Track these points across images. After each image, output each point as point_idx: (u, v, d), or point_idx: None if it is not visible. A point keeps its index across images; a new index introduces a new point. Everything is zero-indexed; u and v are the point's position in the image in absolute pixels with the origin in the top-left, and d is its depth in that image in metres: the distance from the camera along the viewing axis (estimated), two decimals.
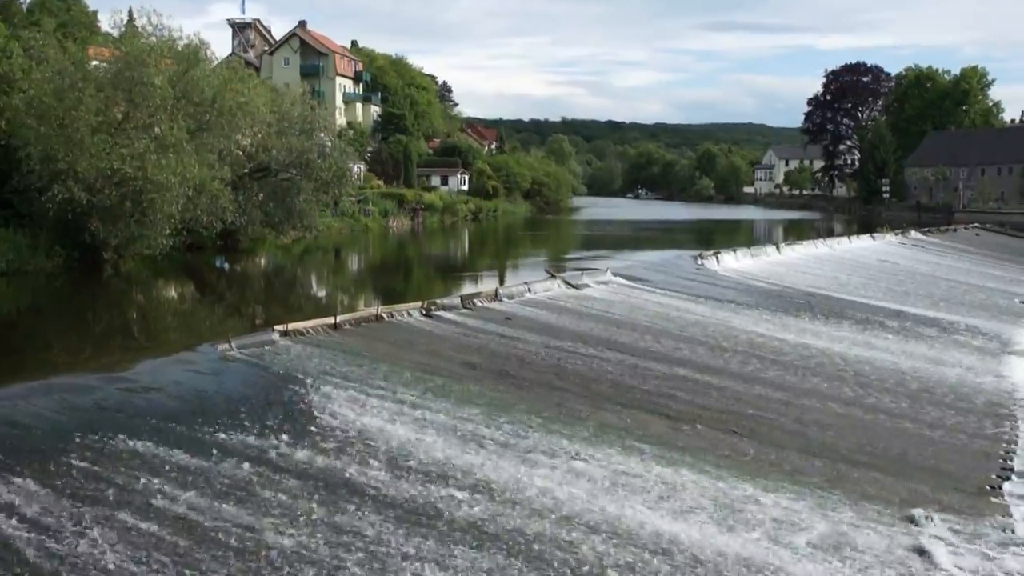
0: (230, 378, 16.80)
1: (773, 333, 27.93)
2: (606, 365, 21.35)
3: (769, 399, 20.86)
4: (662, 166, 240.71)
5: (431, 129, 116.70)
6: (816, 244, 55.18)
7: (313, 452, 13.50)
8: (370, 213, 74.11)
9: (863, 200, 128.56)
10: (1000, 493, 17.24)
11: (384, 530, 11.61)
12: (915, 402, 22.72)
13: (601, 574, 11.47)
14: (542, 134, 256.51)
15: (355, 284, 45.69)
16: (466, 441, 14.75)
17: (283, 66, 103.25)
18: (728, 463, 16.06)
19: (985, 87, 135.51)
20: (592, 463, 14.72)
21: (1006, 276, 54.10)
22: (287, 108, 53.53)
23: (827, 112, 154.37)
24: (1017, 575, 13.20)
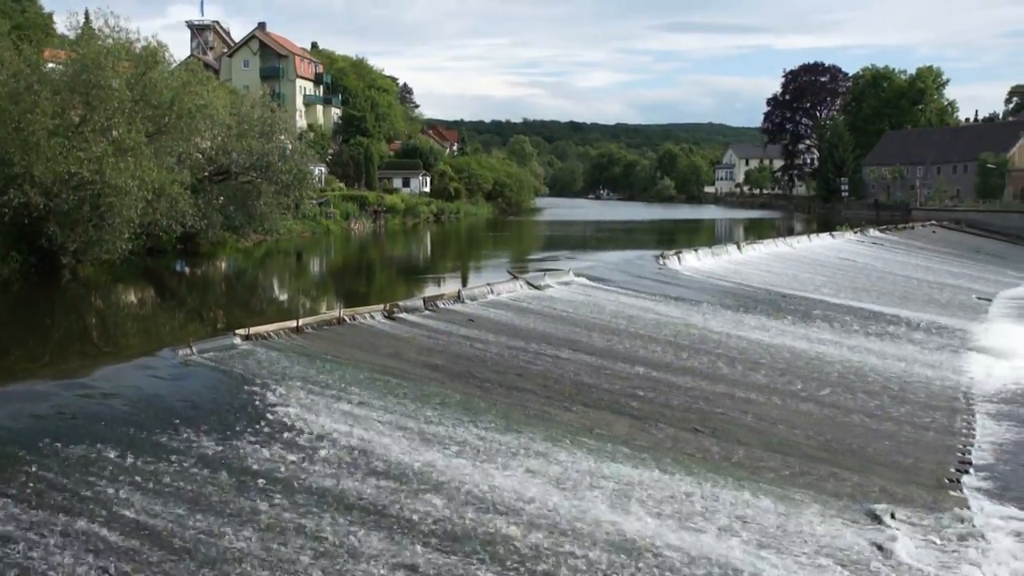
0: (191, 383, 16.66)
1: (735, 331, 28.11)
2: (569, 365, 21.39)
3: (731, 397, 20.99)
4: (623, 166, 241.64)
5: (392, 131, 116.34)
6: (776, 243, 55.59)
7: (275, 456, 13.42)
8: (331, 216, 73.79)
9: (822, 199, 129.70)
10: (959, 487, 17.47)
11: (346, 532, 11.56)
12: (875, 398, 22.96)
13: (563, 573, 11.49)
14: (503, 135, 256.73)
15: (317, 287, 45.45)
16: (429, 443, 14.72)
17: (243, 68, 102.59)
18: (691, 461, 16.14)
19: (940, 87, 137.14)
20: (555, 463, 14.74)
21: (963, 273, 54.80)
22: (247, 110, 53.22)
23: (786, 112, 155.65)
24: (976, 567, 13.39)
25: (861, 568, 12.92)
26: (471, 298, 27.00)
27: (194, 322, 31.87)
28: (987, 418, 22.82)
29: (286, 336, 20.25)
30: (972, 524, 15.28)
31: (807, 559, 12.83)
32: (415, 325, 23.33)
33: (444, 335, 22.66)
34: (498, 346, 22.19)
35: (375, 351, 20.45)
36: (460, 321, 24.19)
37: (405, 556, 11.26)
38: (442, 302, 25.85)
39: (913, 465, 18.44)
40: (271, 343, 19.55)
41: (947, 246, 67.86)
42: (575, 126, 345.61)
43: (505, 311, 26.37)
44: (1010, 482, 18.04)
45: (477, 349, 21.73)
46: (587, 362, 21.89)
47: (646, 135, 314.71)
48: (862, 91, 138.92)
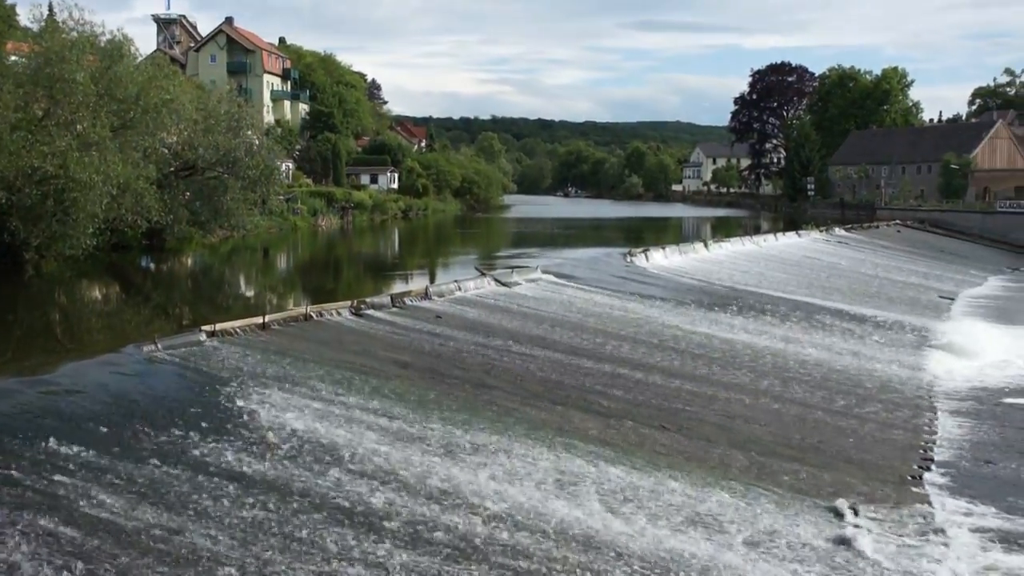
0: (156, 380, 16.54)
1: (701, 329, 28.26)
2: (536, 362, 21.43)
3: (698, 394, 21.12)
4: (591, 164, 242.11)
5: (360, 127, 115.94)
6: (743, 241, 55.89)
7: (241, 453, 13.37)
8: (299, 212, 73.45)
9: (789, 197, 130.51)
10: (921, 483, 17.69)
11: (313, 530, 11.54)
12: (839, 395, 23.17)
13: (531, 570, 11.53)
14: (472, 132, 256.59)
15: (284, 283, 45.27)
16: (396, 440, 14.71)
17: (209, 63, 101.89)
18: (657, 458, 16.23)
19: (905, 87, 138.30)
20: (523, 460, 14.77)
21: (926, 271, 55.37)
22: (213, 105, 52.85)
23: (753, 111, 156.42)
24: (936, 562, 13.56)
25: (824, 563, 13.06)
26: (439, 295, 26.97)
27: (159, 318, 31.65)
28: (948, 415, 23.10)
29: (252, 333, 20.15)
30: (933, 520, 15.49)
31: (771, 555, 12.95)
32: (382, 322, 23.28)
33: (411, 332, 22.63)
34: (466, 343, 22.19)
35: (342, 348, 20.39)
36: (428, 318, 24.17)
37: (372, 554, 11.25)
38: (410, 299, 25.80)
39: (876, 462, 18.63)
40: (237, 340, 19.45)
41: (911, 245, 68.50)
42: (544, 123, 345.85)
43: (473, 308, 26.37)
44: (970, 478, 18.28)
45: (445, 346, 21.73)
46: (555, 359, 21.94)
47: (614, 133, 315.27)
48: (828, 91, 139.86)
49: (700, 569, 12.18)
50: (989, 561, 14.02)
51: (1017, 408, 24.36)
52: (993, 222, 78.53)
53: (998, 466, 19.22)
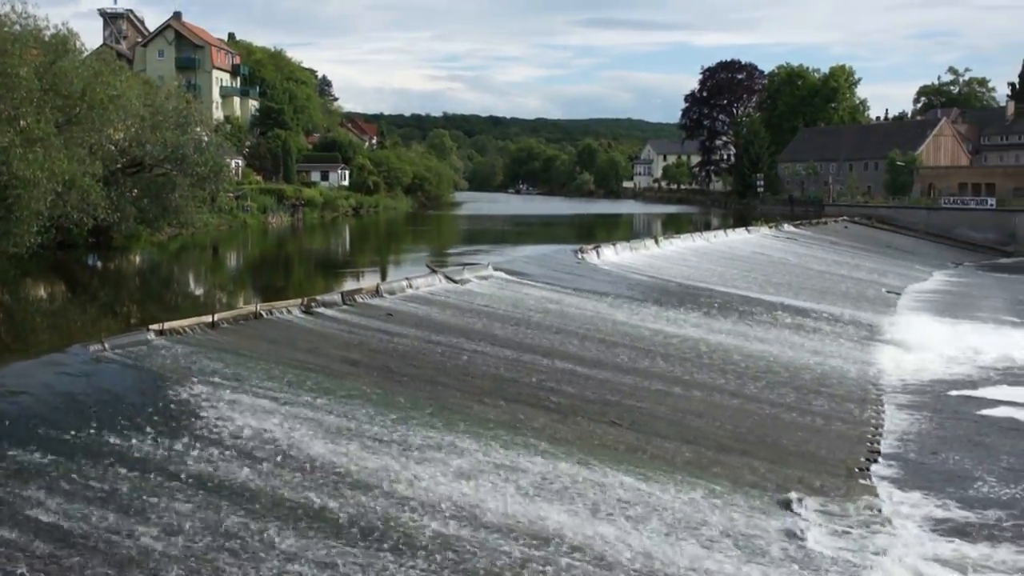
0: (103, 379, 16.33)
1: (652, 325, 28.41)
2: (487, 359, 21.43)
3: (648, 390, 21.24)
4: (543, 161, 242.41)
5: (311, 124, 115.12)
6: (694, 237, 56.22)
7: (189, 453, 13.24)
8: (248, 209, 72.83)
9: (739, 194, 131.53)
10: (868, 475, 17.97)
11: (264, 529, 11.47)
12: (788, 389, 23.43)
13: (482, 566, 11.54)
14: (423, 129, 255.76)
15: (234, 281, 44.86)
16: (347, 438, 14.65)
17: (157, 58, 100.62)
18: (608, 454, 16.31)
19: (852, 85, 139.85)
20: (474, 457, 14.78)
21: (873, 267, 56.09)
22: (161, 101, 52.14)
23: (703, 108, 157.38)
24: (882, 553, 13.76)
25: (773, 555, 13.20)
26: (390, 292, 26.88)
27: (106, 317, 31.22)
28: (895, 408, 23.47)
29: (201, 331, 19.96)
30: (880, 511, 15.73)
31: (721, 547, 13.06)
32: (333, 320, 23.16)
33: (362, 330, 22.54)
34: (417, 340, 22.14)
35: (292, 346, 20.26)
36: (378, 315, 24.09)
37: (324, 552, 11.20)
38: (360, 296, 25.69)
39: (825, 455, 18.88)
40: (186, 338, 19.26)
41: (858, 241, 69.32)
42: (495, 120, 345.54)
43: (424, 305, 26.31)
44: (916, 470, 18.59)
45: (396, 343, 21.66)
46: (506, 356, 21.95)
47: (566, 130, 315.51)
48: (777, 89, 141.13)
49: (650, 562, 12.25)
50: (934, 551, 14.27)
51: (961, 401, 24.79)
52: (938, 218, 79.76)
53: (943, 458, 19.56)
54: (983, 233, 75.29)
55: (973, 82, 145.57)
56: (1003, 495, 17.17)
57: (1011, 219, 74.44)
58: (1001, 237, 74.03)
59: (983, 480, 17.97)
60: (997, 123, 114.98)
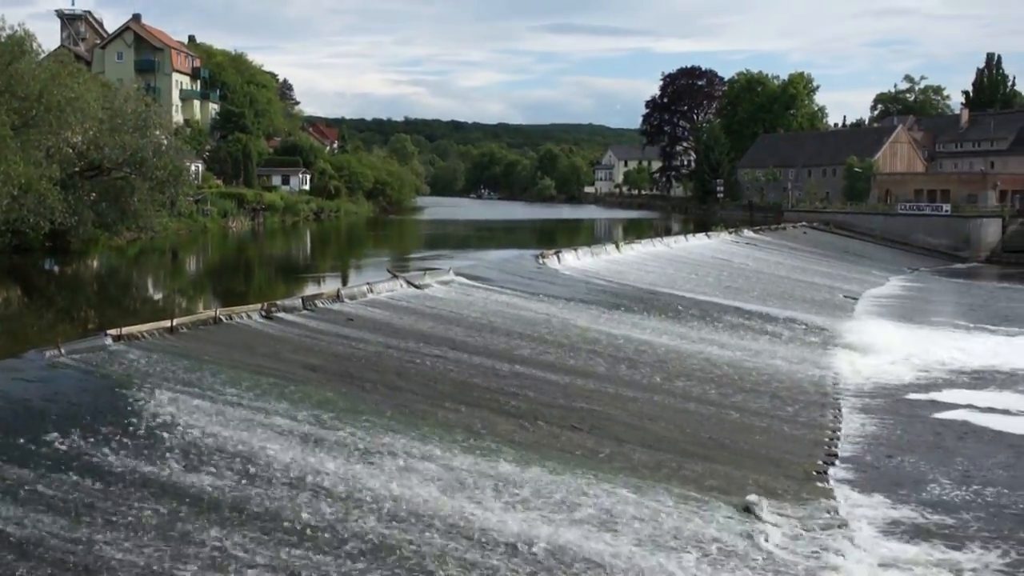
0: (59, 386, 16.14)
1: (613, 330, 28.53)
2: (449, 365, 21.42)
3: (609, 394, 21.33)
4: (504, 166, 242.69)
5: (271, 128, 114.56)
6: (654, 243, 56.48)
7: (148, 460, 13.13)
8: (208, 213, 72.39)
9: (699, 199, 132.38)
10: (826, 478, 18.15)
11: (225, 537, 11.40)
12: (748, 394, 23.61)
13: (443, 571, 11.55)
14: (385, 133, 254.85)
15: (193, 286, 44.57)
16: (308, 444, 14.59)
17: (116, 61, 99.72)
18: (569, 458, 16.36)
19: (811, 92, 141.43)
20: (435, 462, 14.77)
21: (831, 272, 56.64)
22: (120, 104, 51.80)
23: (664, 114, 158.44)
24: (840, 555, 13.92)
25: (732, 559, 13.30)
26: (350, 297, 26.80)
27: (63, 322, 30.92)
28: (852, 412, 23.73)
29: (160, 336, 19.80)
30: (838, 514, 15.91)
31: (681, 551, 13.14)
32: (293, 325, 23.06)
33: (323, 335, 22.46)
34: (378, 346, 22.10)
35: (252, 351, 20.15)
36: (339, 320, 24.01)
37: (285, 560, 11.16)
38: (321, 301, 25.59)
39: (783, 458, 19.04)
40: (144, 344, 19.08)
41: (817, 246, 69.96)
42: (457, 125, 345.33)
43: (385, 310, 26.26)
44: (873, 473, 18.81)
45: (357, 349, 21.61)
46: (467, 361, 21.96)
47: (527, 135, 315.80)
48: (737, 95, 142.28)
49: (609, 567, 12.31)
50: (891, 552, 14.45)
51: (917, 404, 25.11)
52: (894, 224, 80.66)
53: (900, 461, 19.80)
54: (938, 239, 76.27)
55: (928, 90, 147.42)
56: (958, 497, 17.41)
57: (965, 225, 75.45)
58: (956, 243, 75.02)
59: (938, 483, 18.22)
60: (952, 130, 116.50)
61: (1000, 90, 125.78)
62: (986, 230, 74.51)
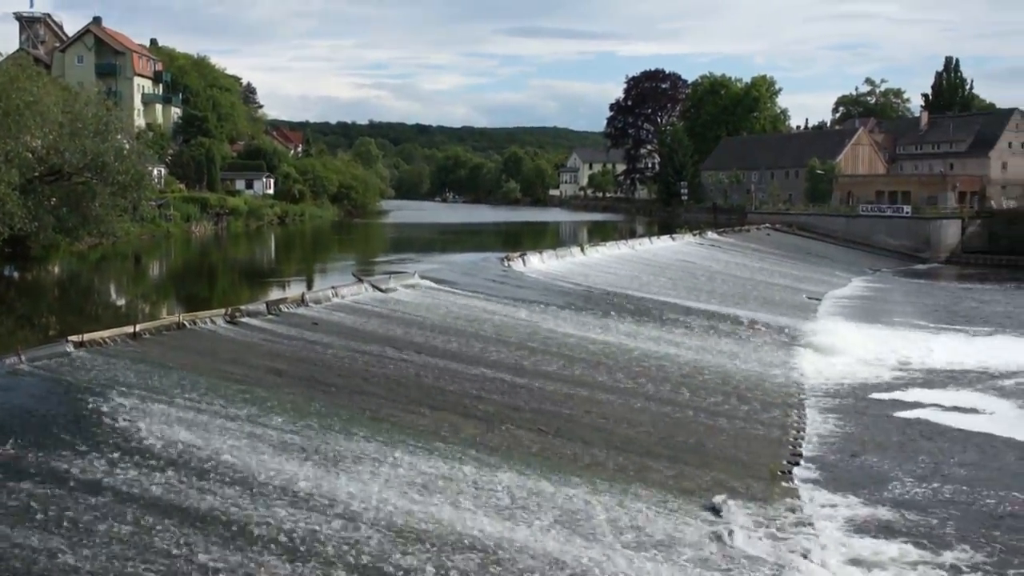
0: (20, 393, 15.96)
1: (578, 332, 28.59)
2: (414, 368, 21.38)
3: (575, 397, 21.37)
4: (469, 169, 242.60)
5: (235, 131, 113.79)
6: (619, 245, 56.62)
7: (112, 467, 13.01)
8: (171, 218, 71.86)
9: (663, 202, 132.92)
10: (791, 478, 18.30)
11: (189, 544, 11.31)
12: (713, 395, 23.73)
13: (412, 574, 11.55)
14: (349, 137, 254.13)
15: (156, 291, 44.20)
16: (273, 449, 14.52)
17: (77, 64, 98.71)
18: (536, 461, 16.38)
19: (773, 95, 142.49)
20: (401, 467, 14.75)
21: (795, 273, 57.06)
22: (81, 108, 51.22)
23: (628, 117, 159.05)
24: (804, 553, 14.03)
25: (699, 558, 13.38)
26: (315, 301, 26.70)
27: (23, 329, 30.55)
28: (817, 412, 23.93)
29: (123, 342, 19.64)
30: (803, 512, 16.05)
31: (647, 552, 13.19)
32: (258, 329, 22.94)
33: (288, 339, 22.35)
34: (343, 350, 22.02)
35: (216, 356, 20.02)
36: (304, 325, 23.90)
37: (251, 566, 11.10)
38: (286, 306, 25.47)
39: (748, 459, 19.16)
40: (107, 350, 18.92)
41: (780, 248, 70.48)
42: (421, 128, 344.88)
43: (350, 314, 26.17)
44: (837, 472, 18.98)
45: (321, 353, 21.52)
46: (432, 365, 21.93)
47: (492, 138, 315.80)
48: (701, 98, 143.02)
49: (578, 568, 12.34)
50: (855, 550, 14.60)
51: (880, 403, 25.37)
52: (856, 225, 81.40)
53: (863, 459, 20.00)
54: (899, 240, 77.05)
55: (889, 93, 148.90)
56: (919, 495, 17.62)
57: (926, 226, 76.30)
58: (916, 244, 75.83)
59: (900, 481, 18.42)
60: (912, 133, 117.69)
61: (959, 93, 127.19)
62: (946, 231, 75.41)
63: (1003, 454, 20.84)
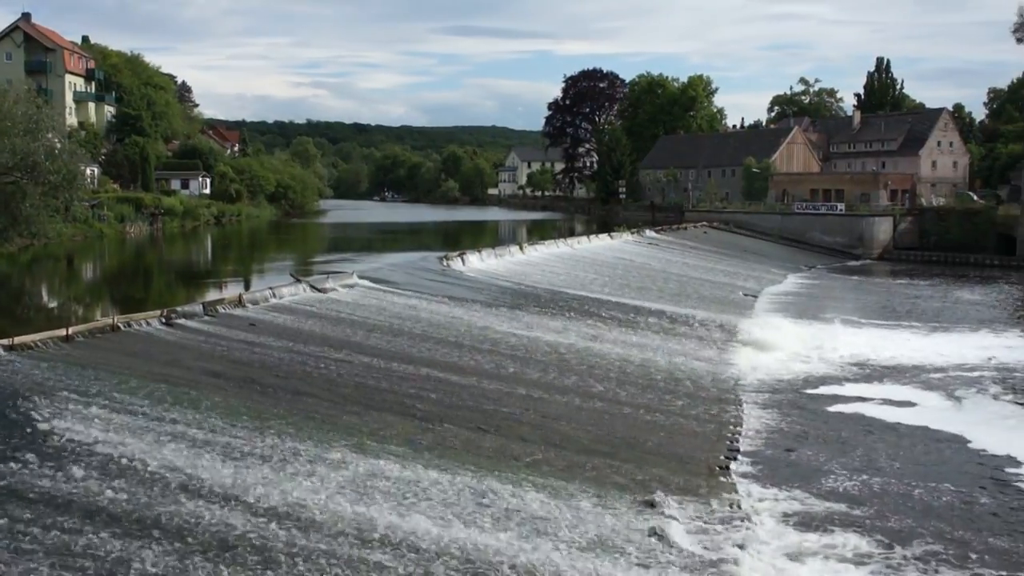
0: None
1: (517, 331, 28.64)
2: (353, 368, 21.28)
3: (514, 395, 21.40)
4: (408, 168, 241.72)
5: (170, 131, 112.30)
6: (558, 243, 56.80)
7: (42, 472, 12.77)
8: (105, 219, 70.73)
9: (601, 200, 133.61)
10: (728, 473, 18.52)
11: (122, 549, 11.15)
12: (651, 392, 23.93)
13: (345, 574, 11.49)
14: (287, 136, 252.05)
15: (90, 293, 43.50)
16: (210, 452, 14.35)
17: (5, 61, 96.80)
18: (474, 460, 16.37)
19: (709, 95, 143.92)
20: (340, 467, 14.66)
21: (732, 271, 57.68)
22: (9, 107, 50.16)
23: (566, 116, 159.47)
24: (742, 547, 14.20)
25: (639, 554, 13.47)
26: (253, 302, 26.45)
27: None
28: (753, 407, 24.24)
29: (55, 345, 19.28)
30: (740, 507, 16.24)
31: (587, 549, 13.26)
32: (194, 331, 22.66)
33: (225, 341, 22.11)
34: (281, 351, 21.83)
35: (151, 359, 19.74)
36: (241, 326, 23.67)
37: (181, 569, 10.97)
38: (223, 307, 25.21)
39: (686, 454, 19.35)
40: (38, 353, 18.57)
41: (717, 246, 71.15)
42: (360, 128, 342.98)
43: (288, 315, 25.97)
44: (773, 466, 19.25)
45: (259, 354, 21.32)
46: (371, 364, 21.83)
47: (430, 137, 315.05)
48: (638, 97, 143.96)
49: (517, 566, 12.36)
50: (791, 542, 14.82)
51: (815, 398, 25.77)
52: (791, 223, 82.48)
53: (799, 453, 20.30)
54: (833, 237, 78.24)
55: (823, 92, 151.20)
56: (853, 488, 17.94)
57: (859, 223, 77.55)
58: (850, 241, 77.05)
59: (835, 474, 18.74)
60: (845, 131, 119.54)
61: (890, 93, 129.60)
62: (879, 228, 76.72)
63: (935, 446, 21.30)
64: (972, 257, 69.80)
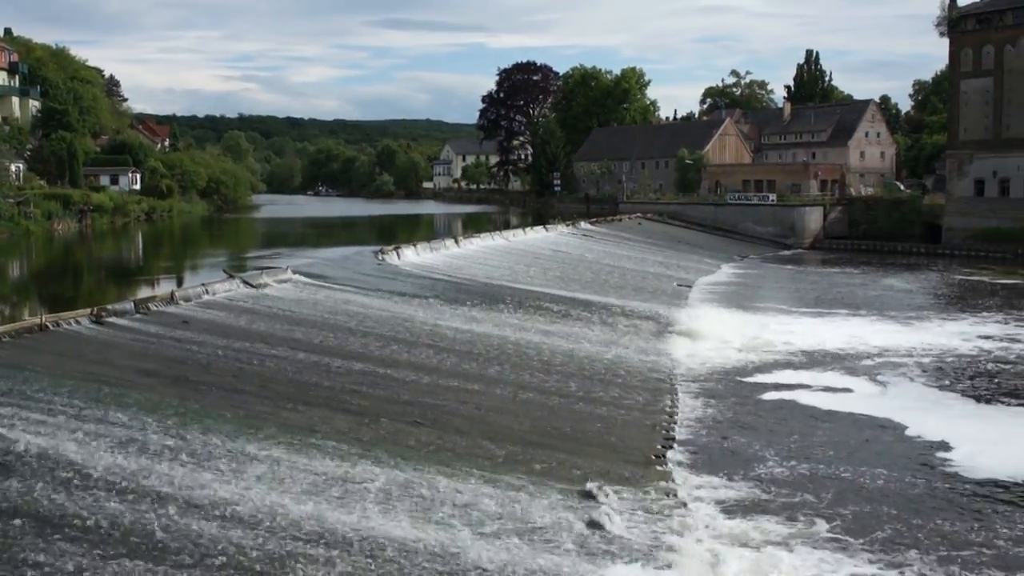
0: None
1: (453, 324, 28.62)
2: (287, 364, 21.11)
3: (451, 389, 21.41)
4: (342, 162, 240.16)
5: (98, 125, 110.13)
6: (493, 236, 56.78)
7: None
8: (31, 216, 69.28)
9: (536, 193, 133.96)
10: (665, 461, 18.72)
11: (54, 554, 10.97)
12: (588, 383, 24.07)
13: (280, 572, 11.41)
14: (218, 131, 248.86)
15: (16, 292, 42.54)
16: (142, 452, 14.16)
17: None
18: (411, 454, 16.35)
19: (643, 87, 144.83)
20: (275, 464, 14.55)
21: (666, 261, 58.20)
22: None
23: (501, 109, 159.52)
24: (679, 534, 14.38)
25: (577, 544, 13.57)
26: (185, 299, 26.11)
27: None
28: (688, 396, 24.51)
29: None
30: (676, 495, 16.43)
31: (524, 540, 13.31)
32: (125, 329, 22.31)
33: (157, 338, 21.80)
34: (214, 348, 21.58)
35: (81, 358, 19.39)
36: (174, 323, 23.35)
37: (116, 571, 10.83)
38: (155, 304, 24.84)
39: (623, 444, 19.51)
40: None
41: (651, 237, 71.72)
42: (292, 122, 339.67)
43: (221, 311, 25.68)
44: (709, 454, 19.50)
45: (193, 352, 21.05)
46: (307, 360, 21.68)
47: (364, 131, 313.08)
48: (572, 90, 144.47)
49: (457, 559, 12.38)
50: (728, 529, 15.03)
51: (749, 386, 26.12)
52: (724, 213, 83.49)
53: (733, 441, 20.58)
54: (765, 227, 79.35)
55: (754, 84, 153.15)
56: (785, 474, 18.24)
57: (790, 214, 78.74)
58: (782, 231, 78.21)
59: (770, 460, 19.04)
60: (776, 123, 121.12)
61: (819, 85, 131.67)
62: (809, 218, 77.97)
63: (864, 431, 21.72)
64: (899, 245, 71.33)
